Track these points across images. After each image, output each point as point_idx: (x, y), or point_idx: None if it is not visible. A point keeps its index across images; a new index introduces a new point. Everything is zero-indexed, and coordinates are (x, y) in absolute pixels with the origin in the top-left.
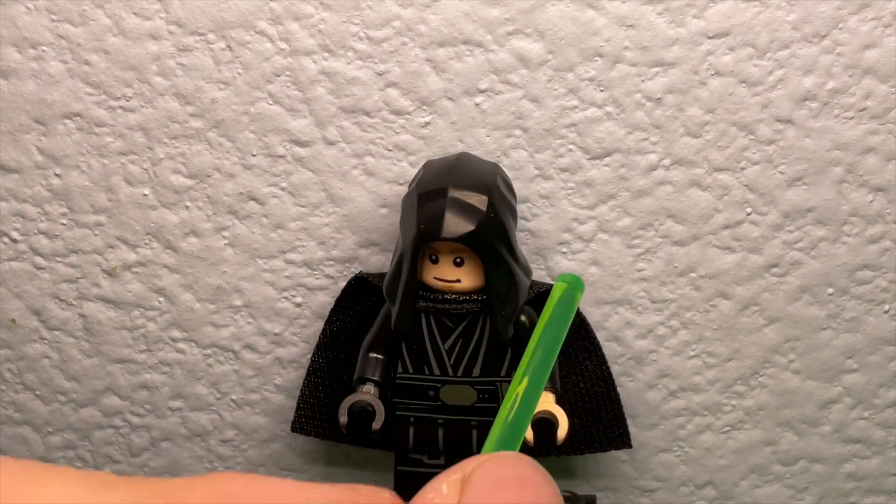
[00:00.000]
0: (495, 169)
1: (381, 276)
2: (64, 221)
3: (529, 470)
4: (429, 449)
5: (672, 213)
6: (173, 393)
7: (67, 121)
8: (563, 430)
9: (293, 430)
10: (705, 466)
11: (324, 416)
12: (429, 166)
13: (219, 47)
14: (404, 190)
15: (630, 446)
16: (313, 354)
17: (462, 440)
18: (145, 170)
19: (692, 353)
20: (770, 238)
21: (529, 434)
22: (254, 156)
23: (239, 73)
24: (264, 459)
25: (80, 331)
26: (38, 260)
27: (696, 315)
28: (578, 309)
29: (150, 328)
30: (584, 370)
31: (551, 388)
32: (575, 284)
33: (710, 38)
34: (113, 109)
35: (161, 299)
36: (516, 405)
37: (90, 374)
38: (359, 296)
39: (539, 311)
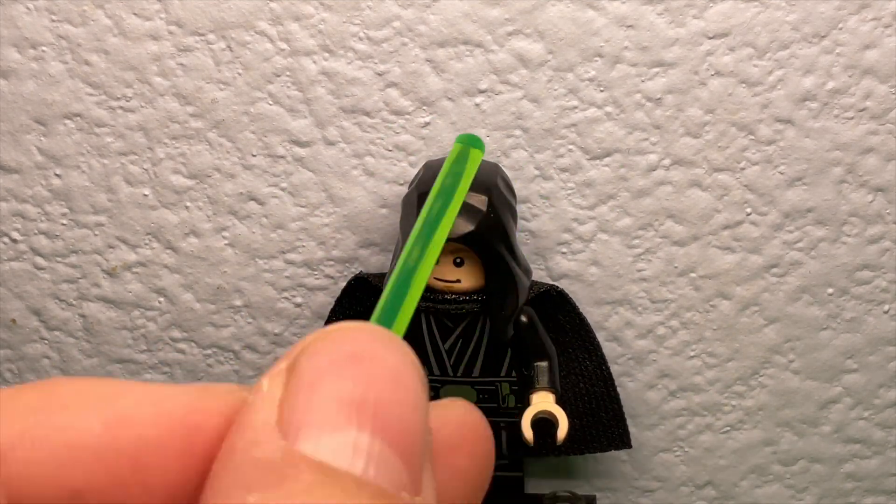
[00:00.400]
0: (495, 169)
1: (381, 276)
2: (64, 222)
3: (365, 340)
4: None
5: (672, 213)
6: None
7: (67, 121)
8: (562, 430)
9: None
10: (705, 466)
11: None
12: (429, 166)
13: (219, 47)
14: (404, 190)
15: (630, 446)
16: None
17: None
18: (145, 170)
19: (692, 353)
20: (770, 238)
21: (529, 434)
22: (254, 156)
23: (239, 74)
24: None
25: (81, 331)
26: (39, 260)
27: (696, 315)
28: (578, 309)
29: (150, 328)
30: (584, 370)
31: (551, 387)
32: (472, 143)
33: (710, 38)
34: (113, 110)
35: (161, 299)
36: (403, 263)
37: (90, 375)
38: (358, 296)
39: (539, 312)
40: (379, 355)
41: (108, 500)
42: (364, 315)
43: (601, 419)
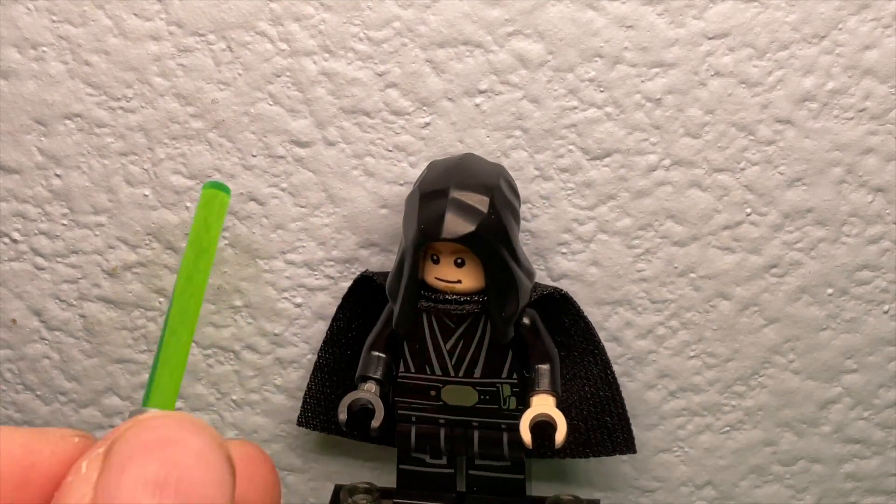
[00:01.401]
0: (499, 170)
1: (386, 274)
2: (64, 222)
3: (174, 427)
4: (430, 448)
5: (672, 214)
6: None
7: (68, 121)
8: (560, 434)
9: (299, 423)
10: (705, 466)
11: (329, 412)
12: (432, 166)
13: (219, 48)
14: (404, 190)
15: (635, 451)
16: (320, 351)
17: (463, 440)
18: (146, 170)
19: (692, 353)
20: (770, 238)
21: (528, 438)
22: (254, 156)
23: (239, 74)
24: None
25: (81, 331)
26: (39, 260)
27: (696, 315)
28: (583, 312)
29: (150, 328)
30: (589, 374)
31: (552, 391)
32: (220, 188)
33: (710, 38)
34: (113, 110)
35: (161, 299)
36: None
37: (90, 375)
38: (364, 294)
39: (543, 315)
40: (186, 440)
41: None
42: (370, 313)
43: (606, 423)
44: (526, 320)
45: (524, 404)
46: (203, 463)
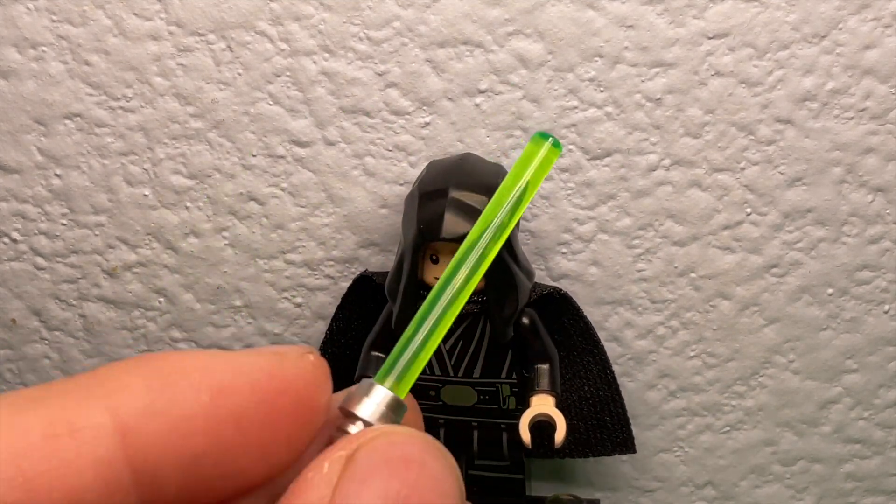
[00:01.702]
0: (498, 170)
1: (385, 274)
2: (64, 222)
3: (417, 448)
4: None
5: (672, 214)
6: None
7: (68, 121)
8: (560, 434)
9: None
10: (705, 466)
11: None
12: (431, 166)
13: (219, 48)
14: (404, 190)
15: (634, 451)
16: (319, 350)
17: (463, 440)
18: (145, 170)
19: (692, 353)
20: (770, 238)
21: (527, 437)
22: (254, 156)
23: (239, 74)
24: None
25: (81, 331)
26: (39, 260)
27: (696, 315)
28: (582, 312)
29: (150, 328)
30: (589, 374)
31: (551, 390)
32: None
33: (710, 38)
34: (113, 110)
35: (161, 299)
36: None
37: None
38: (363, 294)
39: (543, 315)
40: (427, 463)
41: (217, 463)
42: (369, 313)
43: (605, 423)
44: (525, 320)
45: (523, 404)
46: (440, 489)
